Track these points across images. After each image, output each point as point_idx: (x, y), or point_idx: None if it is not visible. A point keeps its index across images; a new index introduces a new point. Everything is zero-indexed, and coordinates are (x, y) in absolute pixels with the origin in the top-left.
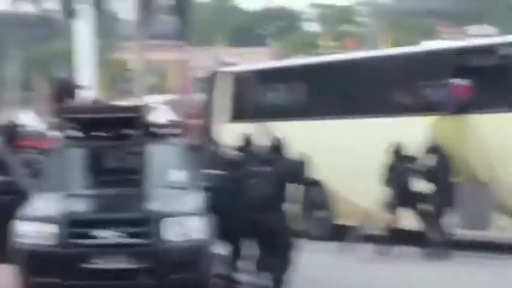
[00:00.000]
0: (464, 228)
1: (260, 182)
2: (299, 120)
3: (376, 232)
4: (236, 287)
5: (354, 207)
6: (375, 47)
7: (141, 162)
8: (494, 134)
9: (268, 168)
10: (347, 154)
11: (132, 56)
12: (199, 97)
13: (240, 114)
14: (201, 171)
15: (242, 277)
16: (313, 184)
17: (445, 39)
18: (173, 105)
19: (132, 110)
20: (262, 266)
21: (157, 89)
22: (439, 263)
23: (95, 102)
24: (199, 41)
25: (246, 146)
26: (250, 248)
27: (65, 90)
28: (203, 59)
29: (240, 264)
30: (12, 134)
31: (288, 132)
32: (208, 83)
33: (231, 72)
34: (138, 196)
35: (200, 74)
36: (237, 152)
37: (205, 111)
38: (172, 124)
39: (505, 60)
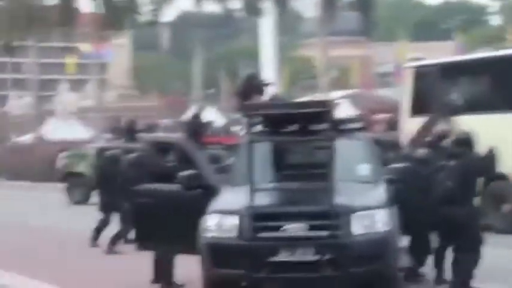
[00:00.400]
0: None
1: (446, 176)
2: (483, 113)
3: None
4: (420, 280)
5: None
6: None
7: (327, 156)
8: None
9: (454, 162)
10: None
11: (314, 52)
12: (382, 92)
13: (422, 108)
14: (387, 165)
15: (426, 270)
16: (499, 177)
17: None
18: (355, 100)
19: (320, 105)
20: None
21: (339, 84)
22: None
23: (273, 98)
24: (381, 36)
25: (436, 140)
26: (435, 242)
27: (252, 86)
28: (386, 55)
29: (425, 258)
30: (198, 130)
31: (471, 126)
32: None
33: (414, 67)
34: (324, 190)
35: (382, 69)
36: (426, 147)
37: (393, 106)
38: (357, 118)
39: None
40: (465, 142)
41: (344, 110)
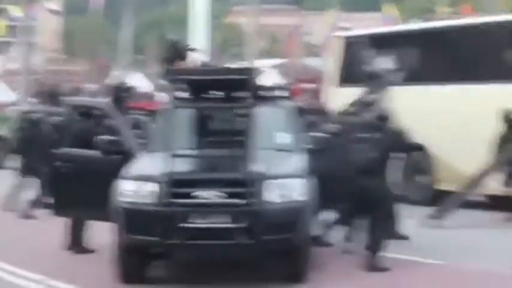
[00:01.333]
0: None
1: (369, 148)
2: (408, 85)
3: (476, 198)
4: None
5: (456, 173)
6: (492, 13)
7: (247, 124)
8: None
9: (375, 135)
10: (453, 120)
11: (245, 20)
12: (310, 61)
13: (351, 78)
14: (308, 133)
15: (334, 239)
16: (417, 149)
17: None
18: (283, 69)
19: (243, 73)
20: (364, 229)
21: (268, 53)
22: None
23: (204, 64)
24: (312, 5)
25: (362, 108)
26: (350, 212)
27: (176, 51)
28: (316, 24)
29: (338, 227)
30: (122, 95)
31: (395, 97)
32: (325, 47)
33: (343, 37)
34: (241, 157)
35: (312, 39)
36: (347, 117)
37: (321, 75)
38: (281, 87)
39: None
40: (386, 117)
41: (271, 79)
